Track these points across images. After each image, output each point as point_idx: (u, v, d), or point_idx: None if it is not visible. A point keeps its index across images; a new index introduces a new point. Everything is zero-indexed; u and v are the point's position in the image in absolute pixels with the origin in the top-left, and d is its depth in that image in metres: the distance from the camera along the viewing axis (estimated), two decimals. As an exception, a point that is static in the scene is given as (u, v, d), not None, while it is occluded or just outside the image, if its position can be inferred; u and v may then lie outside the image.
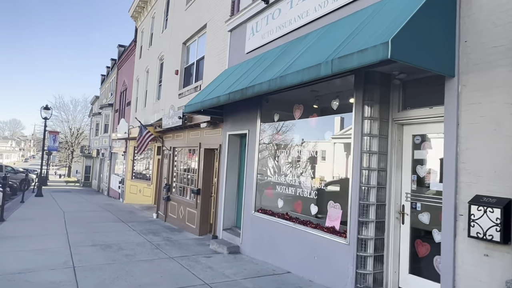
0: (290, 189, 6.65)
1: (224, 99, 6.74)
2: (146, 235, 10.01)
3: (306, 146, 6.39)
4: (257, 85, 5.73)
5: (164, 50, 15.46)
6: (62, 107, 61.39)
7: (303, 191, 6.28)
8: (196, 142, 10.81)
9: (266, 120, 7.67)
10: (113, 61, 31.87)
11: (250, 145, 7.98)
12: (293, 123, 6.77)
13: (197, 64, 11.96)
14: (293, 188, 6.58)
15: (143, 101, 18.62)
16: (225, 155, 9.00)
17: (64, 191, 29.17)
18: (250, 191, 7.82)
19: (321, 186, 5.94)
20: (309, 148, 6.30)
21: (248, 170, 7.97)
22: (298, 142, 6.61)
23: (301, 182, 6.36)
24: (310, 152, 6.27)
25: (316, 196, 6.00)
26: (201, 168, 10.33)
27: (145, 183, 18.89)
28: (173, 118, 11.21)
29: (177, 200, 11.98)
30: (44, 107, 23.69)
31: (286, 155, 6.88)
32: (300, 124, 6.59)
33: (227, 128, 9.03)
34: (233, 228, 8.89)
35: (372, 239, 5.07)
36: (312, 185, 6.10)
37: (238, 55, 8.80)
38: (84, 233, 9.90)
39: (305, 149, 6.39)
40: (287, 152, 6.88)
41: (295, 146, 6.65)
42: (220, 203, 9.07)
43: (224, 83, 7.67)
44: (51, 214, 13.76)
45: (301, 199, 6.34)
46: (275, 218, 6.88)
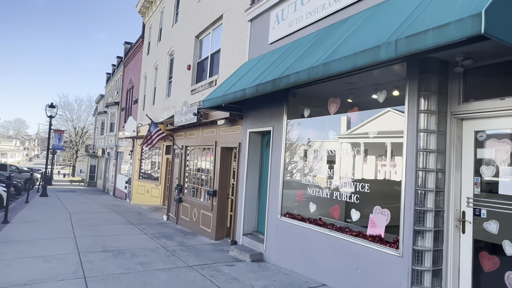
0: (324, 191, 5.99)
1: (251, 92, 6.09)
2: (158, 239, 9.38)
3: (344, 144, 5.72)
4: (293, 75, 5.07)
5: (174, 45, 14.82)
6: (67, 106, 60.97)
7: (341, 194, 5.62)
8: (211, 140, 10.16)
9: (293, 116, 7.01)
10: (119, 59, 31.30)
11: (275, 144, 7.32)
12: (328, 119, 6.10)
13: (212, 58, 11.31)
14: (328, 190, 5.91)
15: (151, 98, 18.00)
16: (245, 154, 8.35)
17: (69, 191, 28.64)
18: (275, 194, 7.16)
19: (364, 189, 5.27)
20: (348, 146, 5.63)
21: (273, 171, 7.31)
22: (334, 139, 5.95)
23: (338, 184, 5.69)
24: (350, 151, 5.60)
25: (357, 200, 5.33)
26: (217, 168, 9.69)
27: (153, 184, 18.29)
28: (187, 115, 10.57)
29: (189, 202, 11.34)
30: (49, 105, 23.16)
31: (320, 154, 6.22)
32: (337, 119, 5.92)
33: (248, 125, 8.37)
34: (254, 233, 8.23)
35: (429, 251, 4.40)
36: (353, 188, 5.43)
37: (260, 46, 8.15)
38: (93, 237, 9.28)
39: (343, 147, 5.72)
40: (320, 151, 6.21)
41: (331, 144, 5.98)
42: (240, 206, 8.42)
43: (248, 76, 7.02)
44: (57, 215, 13.16)
45: (338, 203, 5.68)
46: (306, 224, 6.22)
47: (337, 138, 5.88)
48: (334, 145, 5.92)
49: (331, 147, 5.96)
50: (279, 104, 7.31)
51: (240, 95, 6.46)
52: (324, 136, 6.15)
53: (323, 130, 6.24)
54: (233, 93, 6.66)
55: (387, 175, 5.01)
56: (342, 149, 5.72)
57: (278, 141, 7.22)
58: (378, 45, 3.72)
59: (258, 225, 8.36)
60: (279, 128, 7.25)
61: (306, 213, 6.42)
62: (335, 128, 5.94)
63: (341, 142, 5.76)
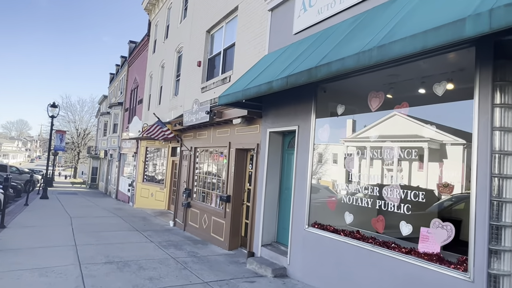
0: (364, 200, 5.19)
1: (279, 84, 5.31)
2: (167, 248, 8.58)
3: (389, 145, 4.93)
4: (335, 63, 4.29)
5: (183, 41, 14.09)
6: (69, 107, 60.48)
7: (387, 203, 4.82)
8: (224, 141, 9.39)
9: (323, 114, 6.23)
10: (123, 59, 30.65)
11: (301, 145, 6.54)
12: (368, 117, 5.32)
13: (224, 53, 10.56)
14: (369, 199, 5.12)
15: (157, 98, 17.27)
16: (264, 157, 7.56)
17: (70, 193, 27.88)
18: (301, 201, 6.37)
19: (418, 198, 4.47)
20: (396, 148, 4.84)
21: (298, 175, 6.52)
22: (375, 139, 5.15)
23: (383, 192, 4.90)
24: (397, 153, 4.80)
25: (408, 211, 4.53)
26: (231, 172, 8.90)
27: (158, 187, 17.53)
28: (197, 113, 9.80)
29: (199, 207, 10.55)
30: (51, 104, 22.48)
31: (358, 156, 5.42)
32: (379, 117, 5.13)
33: (268, 125, 7.59)
34: (274, 244, 7.43)
35: (508, 276, 3.60)
36: (402, 196, 4.64)
37: (283, 37, 7.39)
38: (95, 245, 8.49)
39: (389, 149, 4.93)
40: (359, 153, 5.42)
41: (373, 145, 5.18)
42: (258, 213, 7.62)
43: (272, 69, 6.25)
44: (57, 219, 12.38)
45: (383, 214, 4.88)
46: (341, 237, 5.42)
47: (381, 139, 5.08)
48: (376, 146, 5.12)
49: (373, 149, 5.16)
50: (305, 100, 6.53)
51: (265, 89, 5.68)
52: (366, 136, 5.35)
53: (364, 129, 5.45)
54: (257, 87, 5.88)
55: (453, 182, 4.19)
56: (388, 151, 4.92)
57: (305, 142, 6.43)
58: (461, 19, 2.94)
59: (278, 235, 7.56)
60: (305, 128, 6.46)
61: (340, 223, 5.62)
62: (377, 127, 5.15)
63: (386, 144, 4.97)
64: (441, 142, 4.33)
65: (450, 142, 4.24)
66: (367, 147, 5.28)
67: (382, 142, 5.06)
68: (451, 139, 4.23)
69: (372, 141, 5.20)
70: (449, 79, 4.26)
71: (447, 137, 4.25)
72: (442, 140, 4.31)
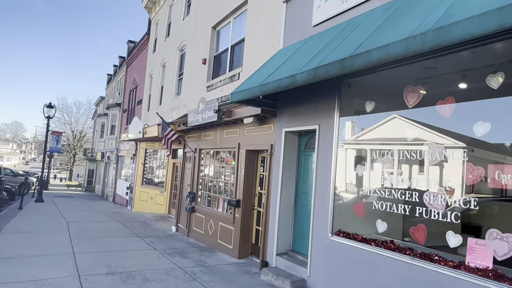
0: (400, 206, 4.65)
1: (304, 78, 4.78)
2: (172, 256, 8.00)
3: (431, 146, 4.40)
4: (375, 51, 3.77)
5: (186, 39, 13.55)
6: (65, 109, 59.59)
7: (430, 210, 4.28)
8: (233, 142, 8.84)
9: (348, 112, 5.70)
10: (122, 59, 30.05)
11: (323, 146, 6.00)
12: (404, 114, 4.79)
13: (232, 50, 10.03)
14: (407, 205, 4.58)
15: (158, 98, 16.70)
16: (279, 159, 7.02)
17: (66, 196, 27.17)
18: (323, 207, 5.82)
19: (468, 205, 3.94)
20: (438, 147, 4.31)
21: (320, 179, 5.98)
22: (413, 140, 4.63)
23: (424, 198, 4.36)
24: (441, 154, 4.27)
25: (457, 220, 4.00)
26: (240, 175, 8.35)
27: (158, 190, 16.93)
28: (204, 113, 9.25)
29: (204, 212, 9.98)
30: (47, 105, 21.83)
31: (392, 158, 4.89)
32: (417, 114, 4.61)
33: (283, 124, 7.06)
34: (290, 253, 6.87)
35: None
36: (448, 203, 4.11)
37: (300, 30, 6.87)
38: (95, 253, 7.90)
39: (429, 150, 4.40)
40: (392, 154, 4.89)
41: (410, 146, 4.66)
42: (272, 219, 7.07)
43: (291, 63, 5.73)
44: (53, 224, 11.74)
45: (425, 223, 4.34)
46: (372, 247, 4.88)
47: (421, 139, 4.55)
48: (415, 147, 4.60)
49: (411, 149, 4.63)
50: (327, 98, 6.01)
51: (286, 83, 5.15)
52: (401, 136, 4.83)
53: (398, 128, 4.92)
54: (276, 81, 5.35)
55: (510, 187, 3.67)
56: (430, 152, 4.39)
57: (327, 142, 5.90)
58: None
59: (294, 244, 7.00)
60: (328, 127, 5.93)
61: (369, 232, 5.08)
62: (416, 125, 4.62)
63: (427, 144, 4.43)
64: (499, 142, 3.81)
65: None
66: (403, 148, 4.75)
67: (421, 142, 4.53)
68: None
69: (410, 142, 4.67)
70: (508, 70, 3.74)
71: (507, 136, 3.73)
72: (499, 139, 3.79)
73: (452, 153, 4.17)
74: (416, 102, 4.61)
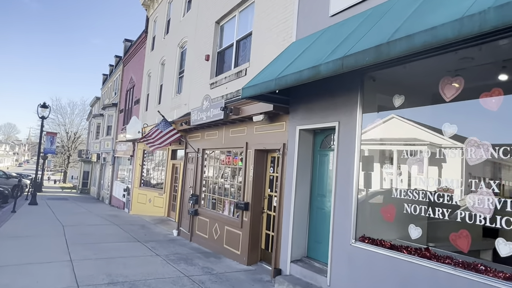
0: (437, 210, 4.20)
1: (331, 68, 4.32)
2: (176, 263, 7.50)
3: (471, 143, 3.96)
4: (420, 34, 3.32)
5: (187, 35, 13.06)
6: (59, 110, 58.76)
7: (474, 215, 3.83)
8: (240, 141, 8.36)
9: (372, 108, 5.26)
10: (118, 58, 29.47)
11: (344, 144, 5.55)
12: (439, 109, 4.35)
13: (237, 45, 9.57)
14: (445, 209, 4.13)
15: (157, 97, 16.18)
16: (293, 158, 6.56)
17: (60, 198, 26.53)
18: (345, 211, 5.36)
19: (522, 208, 3.50)
20: (482, 146, 3.87)
21: (341, 180, 5.52)
22: (452, 136, 4.18)
23: (468, 201, 3.92)
24: (486, 153, 3.83)
25: (510, 226, 3.56)
26: (249, 176, 7.87)
27: (156, 192, 16.40)
28: (209, 111, 8.77)
29: (209, 216, 9.48)
30: (42, 105, 21.22)
31: (427, 156, 4.44)
32: (457, 108, 4.17)
33: (297, 121, 6.60)
34: (305, 260, 6.40)
35: None
36: (497, 206, 3.66)
37: (315, 21, 6.43)
38: (94, 260, 7.38)
39: (474, 148, 3.95)
40: (427, 152, 4.44)
41: (448, 143, 4.21)
42: (285, 224, 6.60)
43: (310, 54, 5.28)
44: (48, 229, 11.19)
45: (469, 228, 3.89)
46: (403, 255, 4.43)
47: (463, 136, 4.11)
48: (453, 144, 4.15)
49: (448, 147, 4.19)
50: (348, 92, 5.56)
51: (308, 75, 4.68)
52: (434, 132, 4.38)
53: (430, 123, 4.48)
54: (296, 74, 4.88)
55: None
56: (473, 150, 3.95)
57: (349, 140, 5.45)
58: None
59: (308, 250, 6.54)
60: (349, 124, 5.48)
61: (401, 238, 4.63)
62: (454, 121, 4.17)
63: (470, 141, 3.99)
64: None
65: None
66: (439, 146, 4.31)
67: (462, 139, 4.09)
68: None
69: (448, 139, 4.23)
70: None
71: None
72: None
73: (500, 151, 3.73)
74: (455, 95, 4.17)
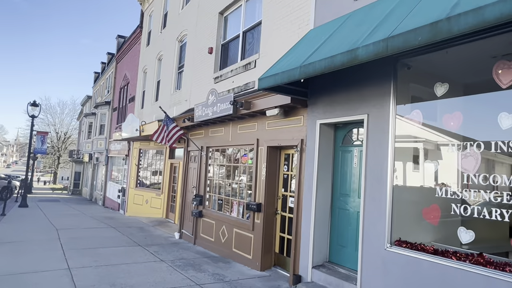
0: (495, 211, 3.72)
1: (371, 51, 3.80)
2: (184, 270, 6.94)
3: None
4: (494, 6, 2.82)
5: (187, 28, 12.47)
6: (49, 110, 57.47)
7: (544, 217, 3.36)
8: (250, 138, 7.82)
9: (406, 98, 4.78)
10: (110, 55, 28.67)
11: (374, 138, 5.05)
12: (494, 97, 3.87)
13: (244, 36, 9.03)
14: (505, 210, 3.65)
15: (153, 94, 15.56)
16: (314, 155, 6.04)
17: (51, 200, 25.69)
18: (377, 212, 4.87)
19: None
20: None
21: (371, 177, 5.03)
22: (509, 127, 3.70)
23: (535, 201, 3.45)
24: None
25: None
26: (261, 175, 7.34)
27: (154, 193, 15.79)
28: (215, 106, 8.22)
29: (215, 217, 8.93)
30: (32, 103, 20.45)
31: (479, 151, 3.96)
32: (516, 95, 3.69)
33: (317, 115, 6.09)
34: (328, 266, 5.90)
35: None
36: None
37: (337, 6, 5.92)
38: (94, 268, 6.78)
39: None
40: (479, 146, 3.96)
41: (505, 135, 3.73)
42: (305, 226, 6.08)
43: (337, 40, 4.77)
44: (41, 233, 10.52)
45: (537, 233, 3.42)
46: (453, 262, 3.94)
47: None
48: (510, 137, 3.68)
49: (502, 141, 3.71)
50: (378, 82, 5.06)
51: (342, 61, 4.16)
52: (489, 123, 3.90)
53: (481, 114, 4.01)
54: (327, 60, 4.36)
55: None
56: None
57: (380, 134, 4.95)
58: None
59: (330, 254, 6.03)
60: (380, 116, 4.98)
61: (446, 242, 4.15)
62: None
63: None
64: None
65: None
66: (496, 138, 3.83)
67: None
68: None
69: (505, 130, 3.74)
70: None
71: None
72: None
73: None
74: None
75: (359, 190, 5.63)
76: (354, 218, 5.67)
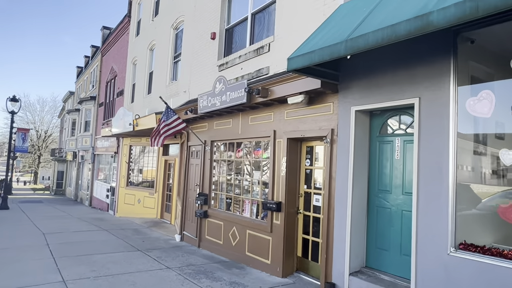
0: None
1: (453, 14, 3.07)
2: (196, 279, 6.12)
3: None
4: None
5: (183, 14, 11.55)
6: (28, 107, 55.24)
7: None
8: (264, 130, 7.04)
9: (468, 78, 4.08)
10: (95, 48, 27.33)
11: (428, 126, 4.35)
12: None
13: (253, 18, 8.22)
14: None
15: (145, 86, 14.58)
16: (348, 147, 5.31)
17: (34, 201, 24.40)
18: (436, 211, 4.17)
19: None
20: None
21: (426, 172, 4.32)
22: None
23: None
24: None
25: None
26: (280, 171, 6.57)
27: (146, 192, 14.88)
28: (224, 94, 7.40)
29: (223, 218, 8.12)
30: (11, 98, 19.16)
31: None
32: None
33: (351, 101, 5.35)
34: (367, 272, 5.18)
35: None
36: None
37: (374, -24, 5.18)
38: (93, 280, 5.90)
39: None
40: None
41: None
42: (339, 227, 5.35)
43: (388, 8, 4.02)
44: (26, 238, 9.51)
45: None
46: (546, 270, 3.27)
47: None
48: None
49: None
50: (433, 59, 4.35)
51: (408, 30, 3.41)
52: None
53: None
54: (388, 29, 3.60)
55: None
56: None
57: (437, 122, 4.25)
58: None
59: (368, 258, 5.32)
60: (436, 100, 4.28)
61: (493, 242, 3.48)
62: None
63: None
64: None
65: None
66: None
67: None
68: None
69: None
70: None
71: None
72: None
73: None
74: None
75: (403, 186, 4.93)
76: (398, 217, 4.97)
